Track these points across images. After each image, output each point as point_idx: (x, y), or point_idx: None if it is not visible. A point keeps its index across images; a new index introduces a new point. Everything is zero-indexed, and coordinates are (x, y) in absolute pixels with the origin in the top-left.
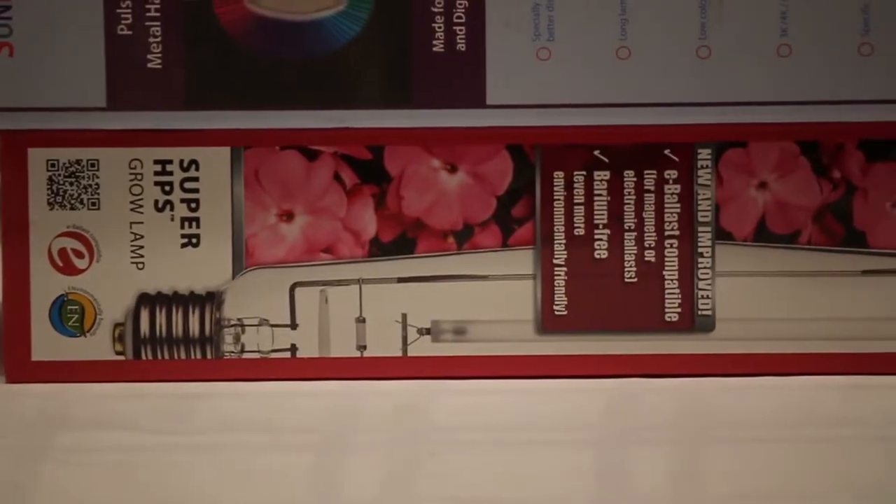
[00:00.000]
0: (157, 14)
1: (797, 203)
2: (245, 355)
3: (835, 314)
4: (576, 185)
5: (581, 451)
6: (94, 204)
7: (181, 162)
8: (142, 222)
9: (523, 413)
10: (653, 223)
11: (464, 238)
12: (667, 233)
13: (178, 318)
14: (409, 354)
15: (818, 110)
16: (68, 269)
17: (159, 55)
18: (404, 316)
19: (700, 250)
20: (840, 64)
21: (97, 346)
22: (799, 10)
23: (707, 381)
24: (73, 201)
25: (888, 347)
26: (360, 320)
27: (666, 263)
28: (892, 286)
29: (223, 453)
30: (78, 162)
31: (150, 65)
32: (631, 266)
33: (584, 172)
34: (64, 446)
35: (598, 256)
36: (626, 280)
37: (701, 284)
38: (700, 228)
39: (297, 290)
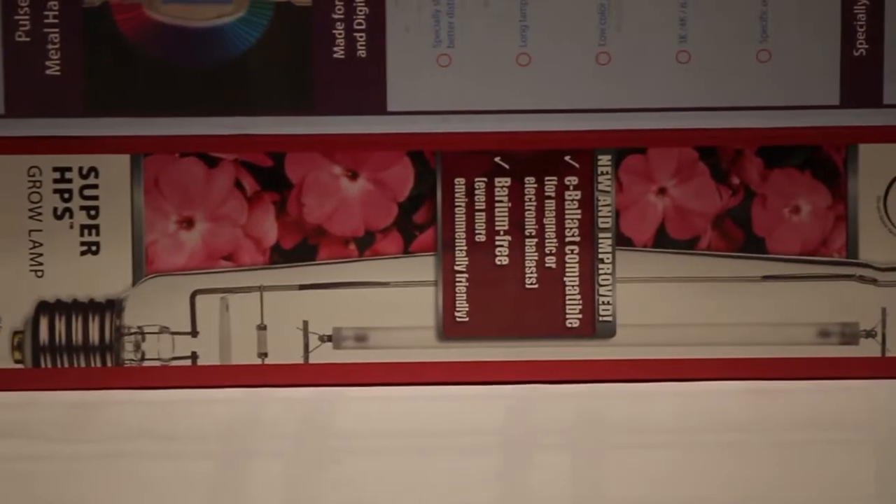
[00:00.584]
0: (56, 21)
1: (697, 209)
2: (145, 363)
3: (735, 319)
4: (477, 192)
5: (482, 458)
6: None
7: (80, 169)
8: (41, 230)
9: (425, 419)
10: (553, 229)
11: (365, 245)
12: (567, 239)
13: (77, 325)
14: (311, 361)
15: (717, 116)
16: None
17: (58, 62)
18: (306, 323)
19: (600, 256)
20: (738, 70)
21: None
22: (697, 16)
23: (608, 387)
24: None
25: (788, 352)
26: (262, 327)
27: (567, 270)
28: (791, 291)
29: (122, 462)
30: None
31: (48, 71)
32: (532, 272)
33: (484, 179)
34: None
35: (499, 263)
36: (527, 286)
37: (601, 290)
38: (600, 234)
39: (198, 298)
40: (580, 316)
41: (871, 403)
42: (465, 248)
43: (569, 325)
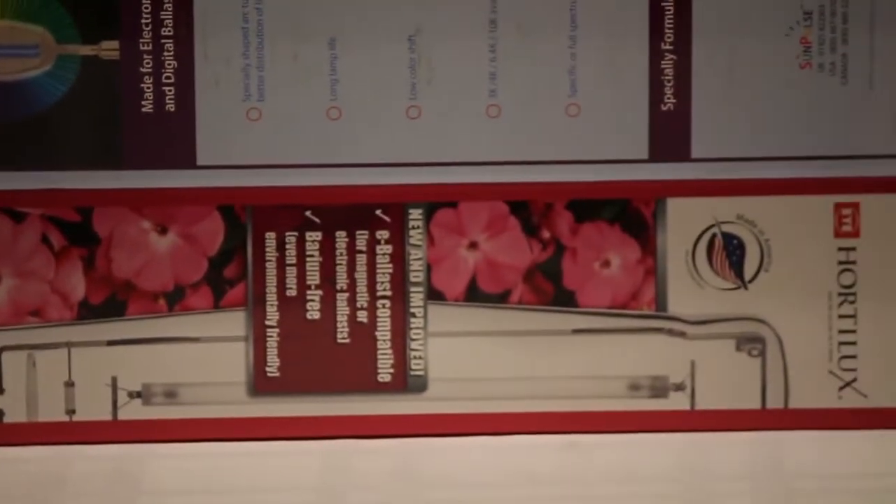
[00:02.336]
0: None
1: (508, 263)
2: None
3: (546, 373)
4: (287, 246)
5: None
6: None
7: None
8: None
9: (237, 476)
10: (365, 284)
11: (175, 300)
12: (379, 293)
13: None
14: (120, 418)
15: (527, 170)
16: None
17: None
18: (114, 379)
19: (412, 311)
20: (548, 124)
21: None
22: (507, 70)
23: (421, 442)
24: None
25: (599, 406)
26: (69, 384)
27: (378, 324)
28: (601, 344)
29: None
30: None
31: None
32: (343, 327)
33: (295, 233)
34: None
35: (310, 318)
36: (339, 341)
37: (413, 345)
38: (412, 289)
39: (4, 355)
40: (392, 370)
41: (680, 457)
42: (275, 302)
43: (380, 380)
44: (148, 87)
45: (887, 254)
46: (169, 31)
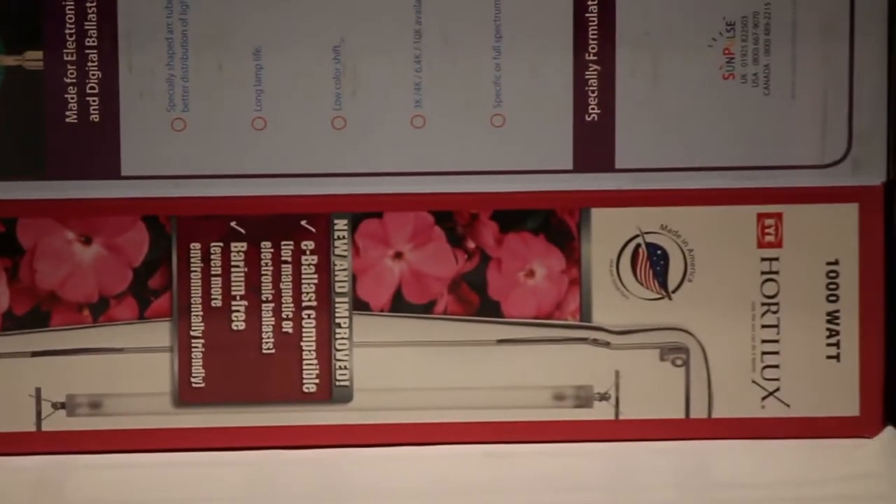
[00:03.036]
0: None
1: (433, 273)
2: None
3: (472, 383)
4: (213, 257)
5: None
6: None
7: None
8: None
9: (161, 487)
10: (290, 294)
11: (99, 310)
12: (304, 304)
13: None
14: (44, 429)
15: (452, 181)
16: None
17: None
18: (38, 390)
19: (337, 321)
20: (473, 135)
21: None
22: (432, 81)
23: (346, 452)
24: None
25: (524, 416)
26: None
27: (303, 334)
28: (526, 354)
29: None
30: None
31: None
32: (269, 337)
33: (220, 244)
34: None
35: (235, 328)
36: (264, 351)
37: (338, 355)
38: (337, 299)
39: None
40: (317, 381)
41: (605, 466)
42: (200, 313)
43: (306, 391)
44: (72, 98)
45: (809, 264)
46: (93, 41)
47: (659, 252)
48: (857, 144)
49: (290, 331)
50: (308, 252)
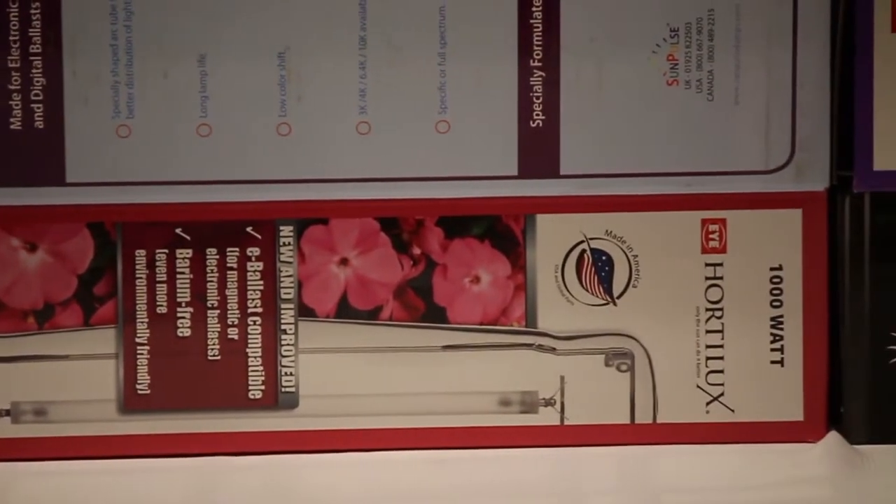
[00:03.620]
0: None
1: (379, 279)
2: None
3: (417, 389)
4: (158, 264)
5: None
6: None
7: None
8: None
9: (107, 494)
10: (236, 301)
11: (44, 318)
12: (250, 310)
13: None
14: None
15: (398, 187)
16: None
17: None
18: None
19: (283, 327)
20: (418, 141)
21: None
22: (377, 87)
23: (292, 458)
24: None
25: (470, 421)
26: None
27: (249, 341)
28: (472, 360)
29: None
30: None
31: None
32: (214, 344)
33: (166, 250)
34: None
35: (181, 335)
36: (210, 358)
37: (284, 361)
38: (283, 305)
39: None
40: (263, 387)
41: (551, 471)
42: (146, 320)
43: (251, 397)
44: (16, 104)
45: (753, 269)
46: (37, 48)
47: (604, 258)
48: (801, 150)
49: (236, 337)
50: (253, 258)
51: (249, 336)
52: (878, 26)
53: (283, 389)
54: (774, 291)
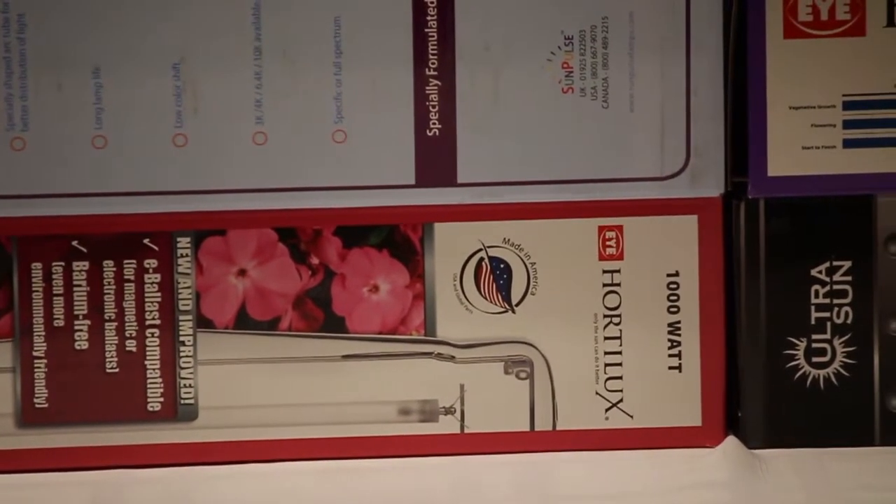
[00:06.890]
0: None
1: (277, 290)
2: None
3: (317, 399)
4: (55, 276)
5: None
6: None
7: None
8: None
9: None
10: (133, 313)
11: None
12: (148, 322)
13: None
14: None
15: (295, 197)
16: None
17: None
18: None
19: (181, 339)
20: (314, 151)
21: None
22: (273, 98)
23: (192, 470)
24: None
25: (370, 431)
26: None
27: (147, 353)
28: (371, 370)
29: None
30: None
31: None
32: (112, 356)
33: (62, 263)
34: None
35: (78, 347)
36: (108, 370)
37: (183, 373)
38: (181, 317)
39: None
40: (161, 399)
41: (452, 479)
42: (43, 333)
43: (150, 409)
44: None
45: (650, 276)
46: None
47: (502, 266)
48: (696, 157)
49: (134, 349)
50: (151, 270)
51: (148, 348)
52: (771, 33)
53: (182, 401)
54: (671, 297)
